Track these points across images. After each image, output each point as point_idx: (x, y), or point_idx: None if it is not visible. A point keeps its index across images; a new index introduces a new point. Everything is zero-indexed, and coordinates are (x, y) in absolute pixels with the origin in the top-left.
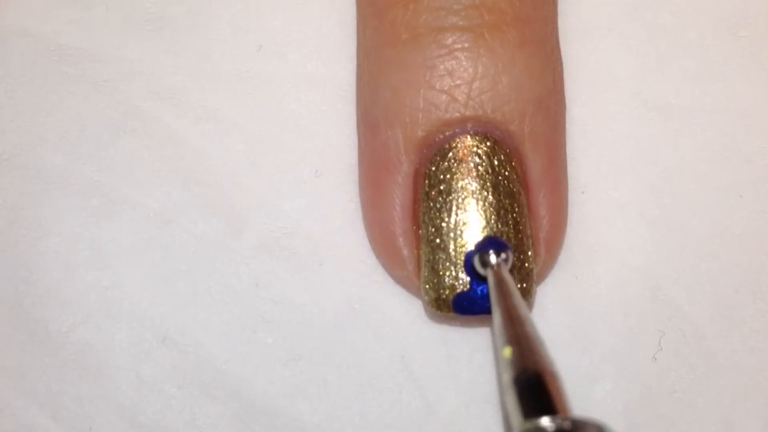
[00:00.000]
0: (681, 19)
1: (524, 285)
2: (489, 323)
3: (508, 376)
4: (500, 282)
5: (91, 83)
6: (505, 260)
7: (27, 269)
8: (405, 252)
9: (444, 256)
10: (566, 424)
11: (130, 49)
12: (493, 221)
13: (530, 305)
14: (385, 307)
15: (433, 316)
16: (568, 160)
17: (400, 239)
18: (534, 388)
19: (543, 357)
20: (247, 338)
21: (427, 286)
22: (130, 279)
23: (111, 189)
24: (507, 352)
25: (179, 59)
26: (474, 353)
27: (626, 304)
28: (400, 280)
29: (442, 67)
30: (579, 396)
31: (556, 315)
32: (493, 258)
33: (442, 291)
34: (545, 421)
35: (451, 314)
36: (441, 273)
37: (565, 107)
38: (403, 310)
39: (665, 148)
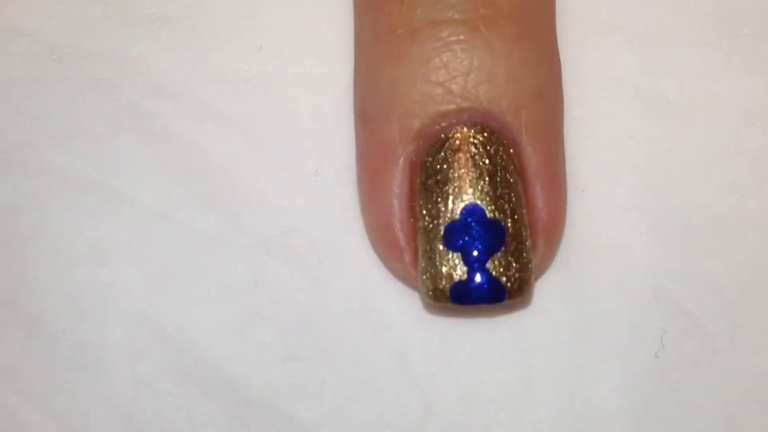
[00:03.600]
0: (682, 17)
1: (522, 275)
2: (485, 313)
3: None
4: None
5: (90, 81)
6: None
7: (24, 266)
8: (402, 243)
9: (440, 246)
10: None
11: (129, 48)
12: (489, 210)
13: (529, 297)
14: (384, 305)
15: (430, 308)
16: (569, 158)
17: (398, 231)
18: None
19: None
20: (245, 336)
21: (424, 277)
22: (128, 276)
23: (109, 186)
24: None
25: (179, 58)
26: (474, 353)
27: (628, 302)
28: (397, 273)
29: (438, 59)
30: (581, 395)
31: (558, 314)
32: None
33: (439, 281)
34: None
35: (449, 305)
36: (437, 263)
37: (562, 100)
38: (403, 309)
39: (666, 146)
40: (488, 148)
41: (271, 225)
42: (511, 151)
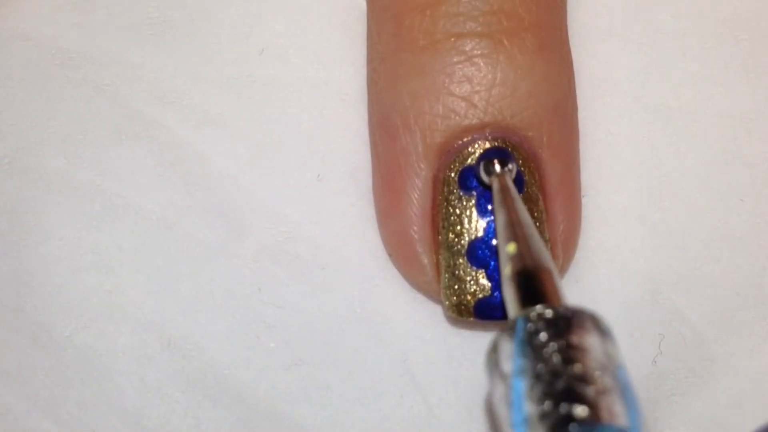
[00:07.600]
0: (682, 23)
1: None
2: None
3: (509, 270)
4: (505, 189)
5: (92, 87)
6: (510, 170)
7: (29, 273)
8: (424, 258)
9: (464, 262)
10: (562, 311)
11: (131, 53)
12: None
13: None
14: (387, 310)
15: (453, 321)
16: None
17: (419, 245)
18: (533, 281)
19: (543, 255)
20: (249, 343)
21: (449, 292)
22: (132, 283)
23: (113, 193)
24: (511, 247)
25: (181, 63)
26: (476, 357)
27: (627, 307)
28: (418, 286)
29: (461, 73)
30: None
31: None
32: (497, 167)
33: (463, 297)
34: (540, 308)
35: (472, 319)
36: (462, 278)
37: (577, 110)
38: (405, 314)
39: (666, 151)
40: None
41: (273, 231)
42: (532, 165)
